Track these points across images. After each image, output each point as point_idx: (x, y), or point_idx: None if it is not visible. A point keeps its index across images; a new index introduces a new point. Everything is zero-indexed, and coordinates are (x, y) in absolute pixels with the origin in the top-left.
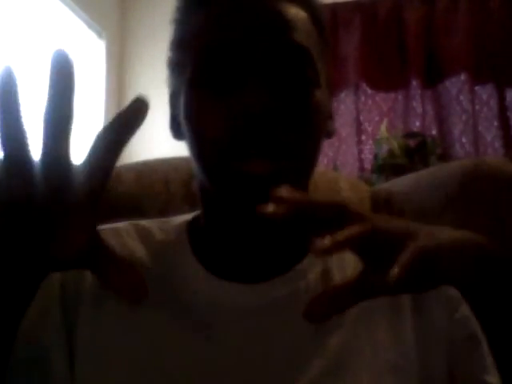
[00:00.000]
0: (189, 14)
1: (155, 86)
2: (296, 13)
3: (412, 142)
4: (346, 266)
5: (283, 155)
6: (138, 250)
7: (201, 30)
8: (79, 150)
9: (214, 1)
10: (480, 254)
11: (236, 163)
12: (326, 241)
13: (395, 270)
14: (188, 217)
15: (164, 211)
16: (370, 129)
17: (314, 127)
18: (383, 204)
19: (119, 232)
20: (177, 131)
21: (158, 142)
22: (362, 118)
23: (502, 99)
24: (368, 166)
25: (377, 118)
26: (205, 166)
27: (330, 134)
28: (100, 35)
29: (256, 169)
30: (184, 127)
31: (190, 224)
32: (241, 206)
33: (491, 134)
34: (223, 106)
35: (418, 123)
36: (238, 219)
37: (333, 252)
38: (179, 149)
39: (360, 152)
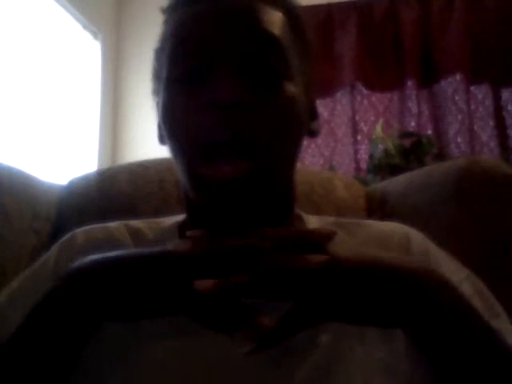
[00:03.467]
0: (166, 24)
1: (150, 87)
2: (270, 11)
3: (407, 142)
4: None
5: (255, 151)
6: (128, 247)
7: (174, 30)
8: (75, 151)
9: (187, 6)
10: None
11: (204, 168)
12: None
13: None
14: (179, 218)
15: (158, 211)
16: (365, 129)
17: (284, 119)
18: (378, 204)
19: (110, 230)
20: (161, 137)
21: (152, 142)
22: (357, 117)
23: (497, 99)
24: (364, 165)
25: (372, 118)
26: (181, 168)
27: (313, 133)
28: (96, 36)
29: (222, 173)
30: (163, 128)
31: (181, 225)
32: (217, 211)
33: (487, 134)
34: (194, 98)
35: (413, 123)
36: (219, 223)
37: None
38: None
39: (356, 152)
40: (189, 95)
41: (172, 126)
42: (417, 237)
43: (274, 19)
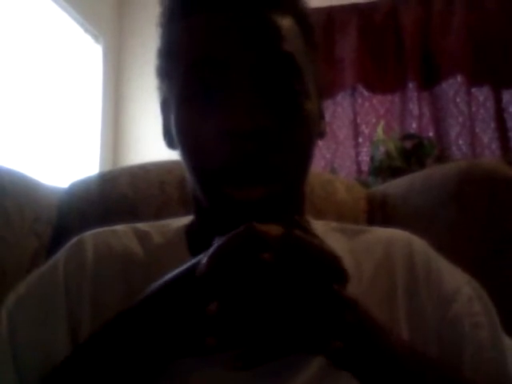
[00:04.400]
0: (173, 23)
1: (151, 90)
2: (283, 22)
3: (409, 144)
4: None
5: (276, 176)
6: (136, 252)
7: (186, 43)
8: (77, 154)
9: (199, 11)
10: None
11: (228, 189)
12: None
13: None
14: (186, 220)
15: (160, 214)
16: (367, 131)
17: (304, 140)
18: (379, 206)
19: (117, 233)
20: (170, 141)
21: (153, 145)
22: (358, 120)
23: (498, 101)
24: (365, 168)
25: (374, 120)
26: (198, 183)
27: (321, 135)
28: (97, 39)
29: (248, 196)
30: (176, 141)
31: (188, 228)
32: (234, 226)
33: (488, 136)
34: (213, 123)
35: (414, 125)
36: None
37: None
38: (173, 152)
39: (357, 154)
40: (205, 117)
41: (188, 147)
42: (419, 244)
43: (289, 32)
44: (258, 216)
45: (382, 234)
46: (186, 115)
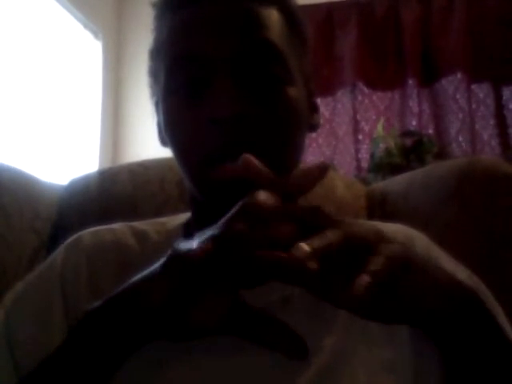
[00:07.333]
0: (160, 23)
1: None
2: (265, 12)
3: (408, 141)
4: None
5: (261, 157)
6: (134, 250)
7: (169, 38)
8: (76, 151)
9: (183, 8)
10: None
11: (206, 172)
12: (299, 252)
13: (364, 278)
14: (184, 218)
15: (160, 211)
16: (366, 128)
17: (288, 125)
18: (378, 203)
19: (115, 232)
20: (162, 138)
21: (153, 142)
22: (358, 117)
23: (498, 97)
24: (365, 165)
25: (374, 117)
26: (186, 173)
27: (314, 128)
28: (96, 36)
29: (223, 175)
30: (165, 134)
31: (186, 226)
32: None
33: (488, 133)
34: (194, 113)
35: (414, 122)
36: None
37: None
38: None
39: (357, 151)
40: (189, 109)
41: (175, 139)
42: (421, 239)
43: (270, 21)
44: (240, 197)
45: (384, 228)
46: (172, 107)
